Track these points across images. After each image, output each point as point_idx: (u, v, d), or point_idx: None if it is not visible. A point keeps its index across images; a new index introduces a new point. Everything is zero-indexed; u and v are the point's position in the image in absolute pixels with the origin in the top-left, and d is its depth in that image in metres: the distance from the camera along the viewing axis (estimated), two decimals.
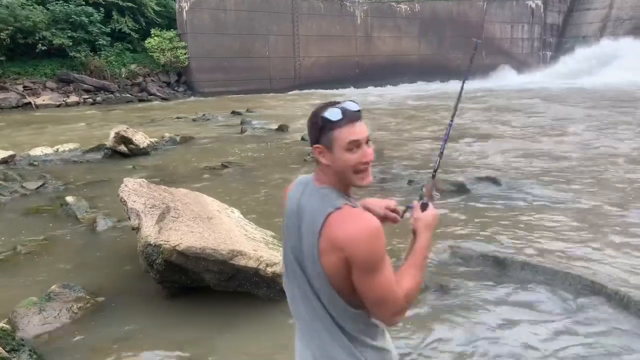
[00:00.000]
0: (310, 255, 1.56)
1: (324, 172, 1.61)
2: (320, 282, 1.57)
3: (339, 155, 1.56)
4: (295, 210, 1.62)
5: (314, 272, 1.57)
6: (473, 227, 5.64)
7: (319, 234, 1.52)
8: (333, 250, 1.51)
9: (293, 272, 1.66)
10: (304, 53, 26.49)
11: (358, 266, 1.50)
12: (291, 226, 1.63)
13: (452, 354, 3.37)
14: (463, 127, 12.89)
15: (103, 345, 3.48)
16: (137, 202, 4.38)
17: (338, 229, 1.50)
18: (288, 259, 1.67)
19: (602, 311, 3.82)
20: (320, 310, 1.61)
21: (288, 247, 1.67)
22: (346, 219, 1.52)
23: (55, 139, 11.76)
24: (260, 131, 13.03)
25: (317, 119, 1.58)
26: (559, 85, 25.57)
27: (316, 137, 1.59)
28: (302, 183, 1.68)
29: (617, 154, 9.36)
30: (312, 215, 1.56)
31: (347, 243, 1.49)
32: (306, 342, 1.68)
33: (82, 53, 21.31)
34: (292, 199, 1.66)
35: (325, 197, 1.57)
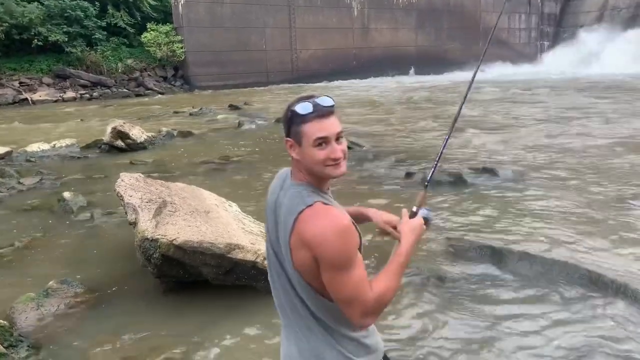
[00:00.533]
0: (285, 248, 1.56)
1: (297, 167, 1.60)
2: (296, 276, 1.57)
3: (307, 150, 1.53)
4: (273, 206, 1.63)
5: (289, 267, 1.57)
6: (470, 219, 5.64)
7: (291, 231, 1.51)
8: (302, 248, 1.50)
9: (274, 267, 1.66)
10: (301, 46, 26.40)
11: (326, 264, 1.48)
12: (270, 221, 1.64)
13: (448, 344, 3.37)
14: (462, 118, 12.86)
15: (101, 339, 3.48)
16: (134, 197, 4.37)
17: (307, 226, 1.48)
18: (268, 254, 1.68)
19: (599, 300, 3.83)
20: (299, 304, 1.61)
21: (268, 241, 1.68)
22: (315, 217, 1.49)
23: (52, 134, 11.73)
24: (258, 125, 13.00)
25: (288, 112, 1.56)
26: (556, 75, 25.53)
27: (287, 130, 1.57)
28: (281, 177, 1.68)
29: (619, 144, 9.36)
30: (286, 211, 1.55)
31: (315, 241, 1.47)
32: (292, 337, 1.67)
33: (78, 48, 21.22)
34: (271, 194, 1.67)
35: (299, 193, 1.55)
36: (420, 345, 3.38)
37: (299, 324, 1.64)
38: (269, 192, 1.69)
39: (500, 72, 27.54)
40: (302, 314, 1.62)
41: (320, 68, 26.58)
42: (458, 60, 29.73)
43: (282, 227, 1.56)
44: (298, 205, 1.52)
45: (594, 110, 13.72)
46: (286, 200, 1.57)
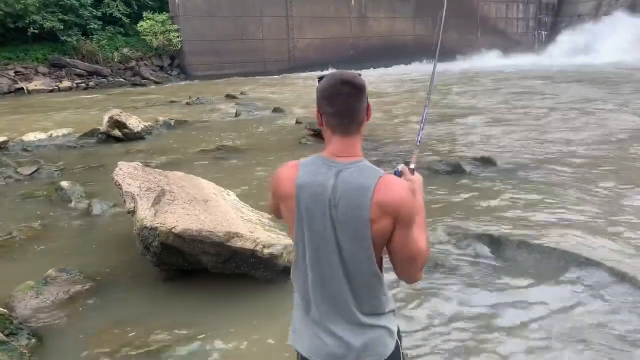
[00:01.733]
0: (355, 230, 1.58)
1: (359, 144, 1.66)
2: (363, 256, 1.61)
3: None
4: (325, 194, 1.59)
5: (357, 247, 1.60)
6: (468, 207, 5.66)
7: (369, 205, 1.55)
8: (383, 214, 1.56)
9: (320, 258, 1.65)
10: (298, 35, 26.26)
11: (404, 223, 1.58)
12: (319, 210, 1.61)
13: (447, 331, 3.40)
14: (461, 107, 12.88)
15: (101, 327, 3.49)
16: (132, 186, 4.36)
17: (388, 192, 1.56)
18: (312, 246, 1.65)
19: (598, 287, 3.85)
20: (347, 289, 1.65)
21: (313, 234, 1.64)
22: (391, 183, 1.58)
23: (49, 124, 11.66)
24: (255, 114, 12.97)
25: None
26: (554, 65, 25.48)
27: (367, 104, 1.66)
28: (318, 165, 1.65)
29: (619, 134, 9.38)
30: (355, 189, 1.57)
31: (398, 205, 1.56)
32: (340, 324, 1.69)
33: (74, 37, 21.05)
34: (312, 184, 1.62)
35: (365, 167, 1.61)
36: (416, 332, 3.40)
37: (350, 310, 1.67)
38: (301, 185, 1.64)
39: (496, 62, 27.50)
40: (373, 292, 1.68)
41: (318, 57, 26.45)
42: (455, 50, 29.64)
43: (351, 206, 1.57)
44: (372, 178, 1.58)
45: (595, 101, 13.72)
46: (353, 179, 1.58)
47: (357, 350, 1.68)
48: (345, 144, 1.63)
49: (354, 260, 1.63)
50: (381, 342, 1.70)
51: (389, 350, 1.71)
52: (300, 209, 1.64)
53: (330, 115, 1.63)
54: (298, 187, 1.64)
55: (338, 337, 1.69)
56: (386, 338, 1.71)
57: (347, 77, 1.61)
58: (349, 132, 1.63)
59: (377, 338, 1.69)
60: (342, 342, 1.69)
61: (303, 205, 1.63)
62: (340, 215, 1.58)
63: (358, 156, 1.64)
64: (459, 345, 3.27)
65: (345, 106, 1.60)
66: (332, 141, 1.65)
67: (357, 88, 1.61)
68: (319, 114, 1.67)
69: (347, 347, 1.68)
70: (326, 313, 1.70)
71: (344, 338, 1.68)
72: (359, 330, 1.68)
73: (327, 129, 1.66)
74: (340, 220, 1.59)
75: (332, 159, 1.63)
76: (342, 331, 1.69)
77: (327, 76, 1.65)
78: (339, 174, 1.60)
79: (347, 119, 1.62)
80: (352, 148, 1.64)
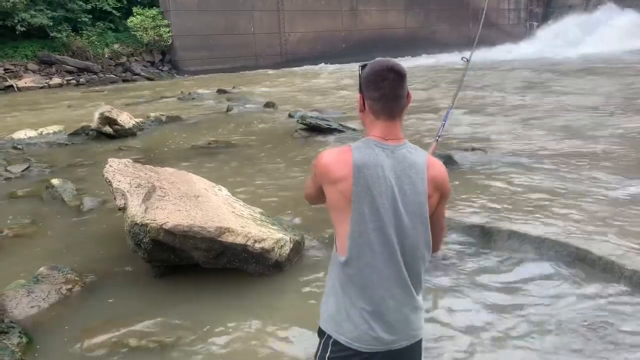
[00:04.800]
0: (419, 205, 1.72)
1: (399, 128, 1.76)
2: (422, 231, 1.74)
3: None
4: (383, 172, 1.68)
5: (419, 222, 1.72)
6: (459, 198, 5.67)
7: (426, 181, 1.72)
8: (435, 191, 1.75)
9: (382, 238, 1.70)
10: (289, 29, 26.16)
11: (445, 197, 1.81)
12: (380, 191, 1.68)
13: (436, 323, 3.41)
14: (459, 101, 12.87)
15: (93, 325, 3.48)
16: (123, 182, 4.34)
17: (436, 170, 1.75)
18: (374, 224, 1.69)
19: (587, 277, 3.88)
20: (405, 268, 1.73)
21: (373, 212, 1.69)
22: (436, 162, 1.78)
23: (39, 121, 11.57)
24: (247, 109, 12.93)
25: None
26: (547, 56, 25.52)
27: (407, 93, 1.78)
28: (371, 147, 1.71)
29: (614, 127, 9.42)
30: (411, 168, 1.71)
31: (443, 179, 1.77)
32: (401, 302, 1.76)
33: (63, 33, 20.89)
34: (371, 166, 1.68)
35: (412, 149, 1.76)
36: None
37: (418, 279, 1.79)
38: (361, 167, 1.68)
39: (487, 55, 27.48)
40: (422, 270, 1.80)
41: (309, 51, 26.39)
42: (447, 42, 29.66)
43: (413, 186, 1.71)
44: (421, 157, 1.75)
45: (590, 92, 13.77)
46: (406, 157, 1.72)
47: (412, 330, 1.77)
48: (391, 128, 1.74)
49: (413, 235, 1.72)
50: (421, 322, 1.82)
51: (422, 332, 1.84)
52: (358, 189, 1.68)
53: (376, 100, 1.73)
54: (356, 168, 1.68)
55: (395, 318, 1.74)
56: (423, 320, 1.84)
57: (392, 64, 1.73)
58: (393, 116, 1.74)
59: (421, 319, 1.82)
60: (399, 322, 1.75)
61: (362, 185, 1.68)
62: (402, 193, 1.69)
63: (402, 139, 1.76)
64: (449, 335, 3.29)
65: (390, 91, 1.71)
66: (377, 125, 1.74)
67: (401, 75, 1.73)
68: (362, 99, 1.77)
69: (402, 327, 1.75)
70: (383, 294, 1.73)
71: (402, 318, 1.75)
72: (416, 311, 1.78)
73: (370, 113, 1.76)
74: (402, 199, 1.70)
75: (381, 142, 1.72)
76: (400, 312, 1.75)
77: (372, 63, 1.75)
78: (392, 155, 1.71)
79: (391, 103, 1.72)
80: (396, 131, 1.75)
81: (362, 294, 1.74)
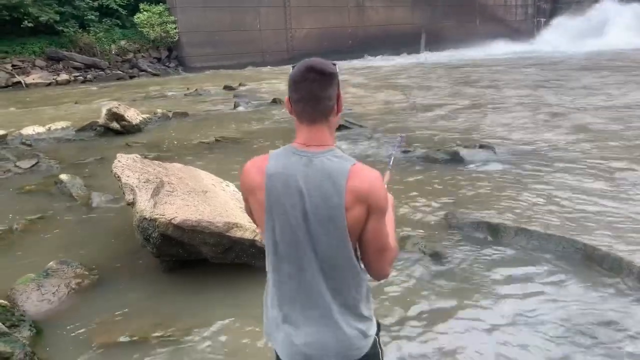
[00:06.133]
0: (330, 219, 1.54)
1: (330, 132, 1.63)
2: (339, 247, 1.57)
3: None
4: (296, 184, 1.56)
5: (333, 236, 1.56)
6: (466, 195, 5.67)
7: (344, 192, 1.53)
8: (357, 202, 1.54)
9: (293, 251, 1.61)
10: (296, 25, 26.13)
11: (376, 211, 1.56)
12: (290, 200, 1.56)
13: (444, 320, 3.42)
14: (468, 98, 12.86)
15: (102, 318, 3.52)
16: (131, 177, 4.37)
17: (360, 180, 1.54)
18: (285, 239, 1.61)
19: (594, 273, 3.88)
20: (323, 285, 1.61)
21: (284, 225, 1.59)
22: (363, 171, 1.57)
23: (47, 117, 11.64)
24: (253, 105, 12.94)
25: (337, 76, 1.63)
26: (554, 52, 25.39)
27: (337, 94, 1.63)
28: (288, 155, 1.61)
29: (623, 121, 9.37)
30: (327, 178, 1.54)
31: (371, 191, 1.54)
32: (314, 319, 1.64)
33: (71, 29, 20.96)
34: (283, 174, 1.57)
35: (336, 156, 1.58)
36: (412, 319, 3.43)
37: (327, 304, 1.62)
38: (271, 176, 1.59)
39: (496, 51, 27.38)
40: (350, 287, 1.64)
41: (316, 47, 26.28)
42: (454, 39, 29.55)
43: (325, 196, 1.54)
44: (344, 166, 1.56)
45: (600, 89, 13.70)
46: (325, 168, 1.55)
47: (329, 350, 1.63)
48: (313, 133, 1.60)
49: (330, 252, 1.58)
50: (354, 343, 1.65)
51: (362, 351, 1.66)
52: (270, 200, 1.59)
53: (295, 102, 1.60)
54: (268, 177, 1.59)
55: (310, 335, 1.64)
56: (360, 340, 1.66)
57: (312, 64, 1.58)
58: (315, 120, 1.59)
59: (350, 338, 1.64)
60: (314, 341, 1.64)
61: (274, 196, 1.58)
62: (313, 205, 1.54)
63: (328, 145, 1.60)
64: (447, 335, 3.30)
65: (308, 93, 1.57)
66: (300, 130, 1.62)
67: (323, 74, 1.57)
68: (288, 101, 1.64)
69: (319, 346, 1.64)
70: (300, 309, 1.65)
71: (317, 337, 1.64)
72: (333, 329, 1.63)
73: (295, 116, 1.63)
74: (314, 211, 1.55)
75: (301, 149, 1.59)
76: (315, 330, 1.64)
77: (297, 63, 1.62)
78: (309, 164, 1.56)
79: (311, 105, 1.58)
80: (320, 137, 1.60)
81: (281, 307, 1.68)
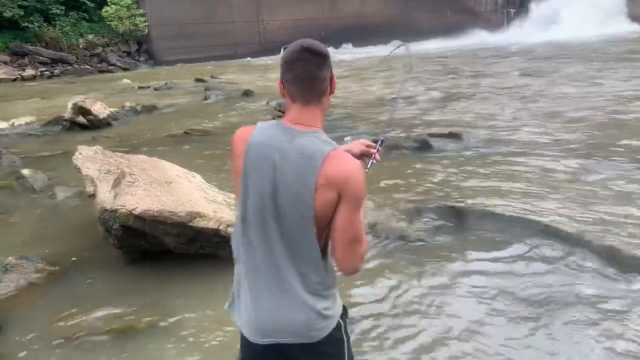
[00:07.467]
0: (298, 196, 1.54)
1: (321, 114, 1.64)
2: (302, 225, 1.56)
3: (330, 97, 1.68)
4: (273, 156, 1.56)
5: (298, 214, 1.55)
6: (434, 182, 5.71)
7: (317, 173, 1.52)
8: (329, 187, 1.53)
9: (260, 221, 1.60)
10: (268, 17, 25.94)
11: (350, 200, 1.54)
12: (264, 171, 1.57)
13: (409, 304, 3.44)
14: (433, 87, 12.94)
15: (62, 311, 3.44)
16: (92, 169, 4.28)
17: (336, 166, 1.53)
18: (254, 208, 1.60)
19: (558, 252, 3.95)
20: (286, 261, 1.60)
21: (255, 194, 1.60)
22: (342, 157, 1.56)
23: (11, 113, 11.33)
24: (224, 97, 12.81)
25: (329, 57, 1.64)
26: (523, 42, 25.69)
27: (330, 76, 1.64)
28: (273, 129, 1.62)
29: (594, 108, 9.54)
30: (304, 156, 1.54)
31: (345, 178, 1.53)
32: (273, 293, 1.64)
33: (35, 23, 20.44)
34: (263, 145, 1.59)
35: (318, 138, 1.58)
36: (377, 302, 3.44)
37: (283, 279, 1.62)
38: (252, 144, 1.60)
39: (466, 42, 27.59)
40: (287, 270, 1.61)
41: (288, 40, 25.09)
42: (425, 30, 29.68)
43: (297, 172, 1.54)
44: (324, 148, 1.55)
45: (573, 75, 13.92)
46: (304, 146, 1.55)
47: (286, 326, 1.63)
48: (304, 113, 1.60)
49: (292, 227, 1.58)
50: (313, 323, 1.63)
51: (321, 333, 1.65)
52: (246, 168, 1.60)
53: (289, 82, 1.60)
54: (248, 146, 1.60)
55: (269, 311, 1.64)
56: (320, 320, 1.64)
57: (307, 44, 1.59)
58: (308, 100, 1.60)
59: (309, 318, 1.62)
60: (271, 317, 1.64)
61: (250, 164, 1.60)
62: (284, 179, 1.55)
63: (315, 127, 1.61)
64: (420, 318, 3.32)
65: (304, 72, 1.57)
66: (292, 109, 1.62)
67: (318, 54, 1.59)
68: (281, 82, 1.64)
69: (277, 323, 1.64)
70: (264, 283, 1.64)
71: (275, 313, 1.63)
72: (292, 305, 1.62)
73: (287, 97, 1.63)
74: (283, 185, 1.55)
75: (288, 125, 1.60)
76: (275, 305, 1.63)
77: (290, 44, 1.63)
78: (291, 140, 1.56)
79: (306, 85, 1.59)
80: (310, 118, 1.61)
81: (247, 276, 1.68)
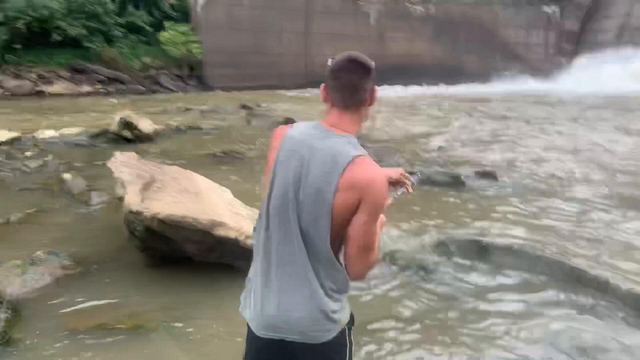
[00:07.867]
0: (319, 192, 1.58)
1: (358, 120, 1.70)
2: (319, 223, 1.59)
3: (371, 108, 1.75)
4: (302, 151, 1.62)
5: (317, 211, 1.58)
6: (460, 217, 5.64)
7: (341, 173, 1.57)
8: (350, 189, 1.56)
9: (281, 215, 1.63)
10: (316, 51, 26.52)
11: (368, 207, 1.57)
12: (292, 164, 1.62)
13: (422, 333, 3.38)
14: (482, 130, 12.86)
15: (80, 306, 3.55)
16: (124, 173, 4.44)
17: (361, 171, 1.57)
18: (277, 200, 1.64)
19: (582, 296, 3.80)
20: (302, 256, 1.62)
21: (280, 186, 1.63)
22: (369, 165, 1.60)
23: (63, 124, 11.86)
24: (266, 124, 13.06)
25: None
26: (572, 92, 25.29)
27: (373, 84, 1.73)
28: (309, 127, 1.69)
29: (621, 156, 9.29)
30: (332, 155, 1.59)
31: (367, 183, 1.57)
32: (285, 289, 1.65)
33: (97, 43, 21.55)
34: (296, 140, 1.65)
35: (349, 142, 1.63)
36: (392, 329, 3.39)
37: (300, 275, 1.64)
38: (287, 139, 1.67)
39: (515, 87, 27.37)
40: (304, 267, 1.63)
41: None
42: (475, 73, 29.66)
43: (322, 170, 1.59)
44: (352, 151, 1.60)
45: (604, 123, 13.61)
46: (333, 147, 1.61)
47: (291, 324, 1.63)
48: (342, 119, 1.66)
49: (312, 225, 1.60)
50: (320, 322, 1.63)
51: (326, 336, 1.64)
52: (277, 161, 1.66)
53: (332, 89, 1.68)
54: (282, 139, 1.67)
55: (278, 306, 1.64)
56: (327, 322, 1.63)
57: (354, 56, 1.69)
58: (347, 107, 1.66)
59: (317, 316, 1.62)
60: (280, 312, 1.64)
61: (280, 157, 1.65)
62: (309, 174, 1.60)
63: (349, 132, 1.66)
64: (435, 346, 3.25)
65: (347, 80, 1.66)
66: (331, 114, 1.69)
67: (363, 67, 1.69)
68: (324, 88, 1.72)
69: (282, 318, 1.64)
70: (278, 278, 1.65)
71: (283, 309, 1.63)
72: (303, 304, 1.62)
73: (328, 102, 1.71)
74: (307, 180, 1.60)
75: (325, 127, 1.67)
76: (284, 301, 1.64)
77: (339, 54, 1.72)
78: (324, 140, 1.62)
79: (346, 93, 1.66)
80: (347, 123, 1.66)
81: (255, 271, 1.72)
